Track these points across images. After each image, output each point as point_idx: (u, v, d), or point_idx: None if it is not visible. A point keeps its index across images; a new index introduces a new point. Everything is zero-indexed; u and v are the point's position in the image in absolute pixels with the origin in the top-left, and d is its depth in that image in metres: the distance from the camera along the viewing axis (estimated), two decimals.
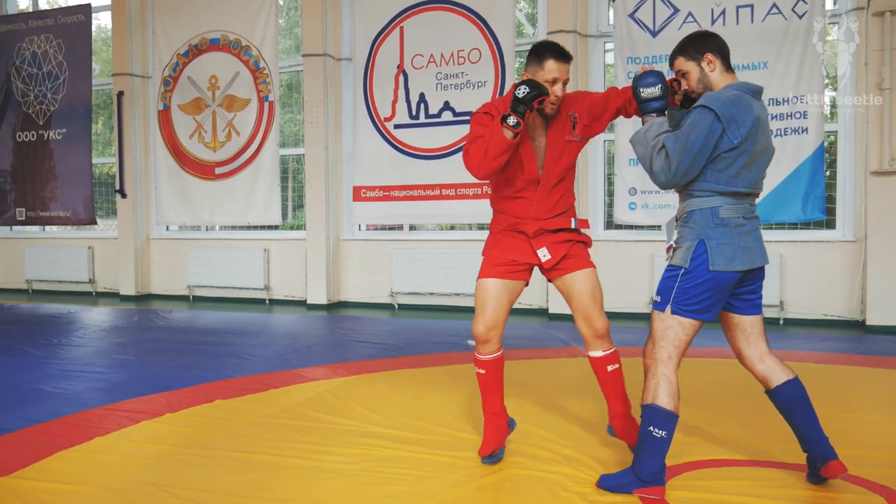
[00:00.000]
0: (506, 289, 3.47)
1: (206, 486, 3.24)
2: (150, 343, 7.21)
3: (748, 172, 2.98)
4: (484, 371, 3.55)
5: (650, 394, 3.02)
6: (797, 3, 7.64)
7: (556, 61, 3.26)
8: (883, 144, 7.45)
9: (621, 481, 3.09)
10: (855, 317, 7.83)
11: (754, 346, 3.17)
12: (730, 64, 3.11)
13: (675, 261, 3.03)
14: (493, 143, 3.18)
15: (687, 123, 2.94)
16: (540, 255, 3.43)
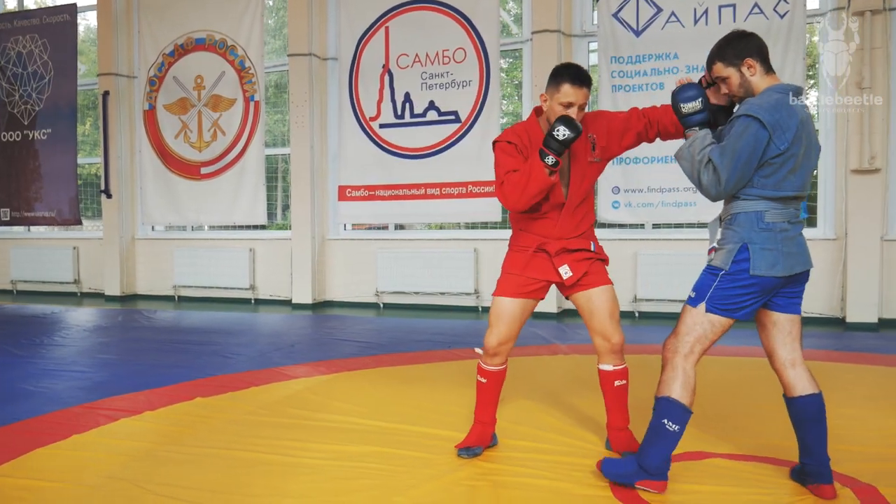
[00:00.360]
0: (521, 307, 3.53)
1: (180, 482, 3.25)
2: (134, 343, 7.20)
3: (794, 177, 2.92)
4: (486, 381, 3.62)
5: (666, 386, 3.00)
6: (779, 2, 7.70)
7: (572, 86, 3.27)
8: (863, 143, 7.52)
9: (625, 470, 3.08)
10: (835, 314, 7.89)
11: (789, 349, 3.09)
12: (769, 64, 3.04)
13: (716, 262, 3.00)
14: (532, 181, 3.23)
15: (732, 134, 2.88)
16: (562, 273, 3.46)
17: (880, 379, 5.26)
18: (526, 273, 3.49)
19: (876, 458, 3.48)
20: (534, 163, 3.23)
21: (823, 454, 3.05)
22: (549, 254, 3.47)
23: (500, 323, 3.52)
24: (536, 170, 3.21)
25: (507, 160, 3.37)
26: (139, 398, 4.76)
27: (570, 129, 3.15)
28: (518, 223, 3.58)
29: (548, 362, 5.91)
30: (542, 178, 3.21)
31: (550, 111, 3.35)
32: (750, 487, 3.14)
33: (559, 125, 3.16)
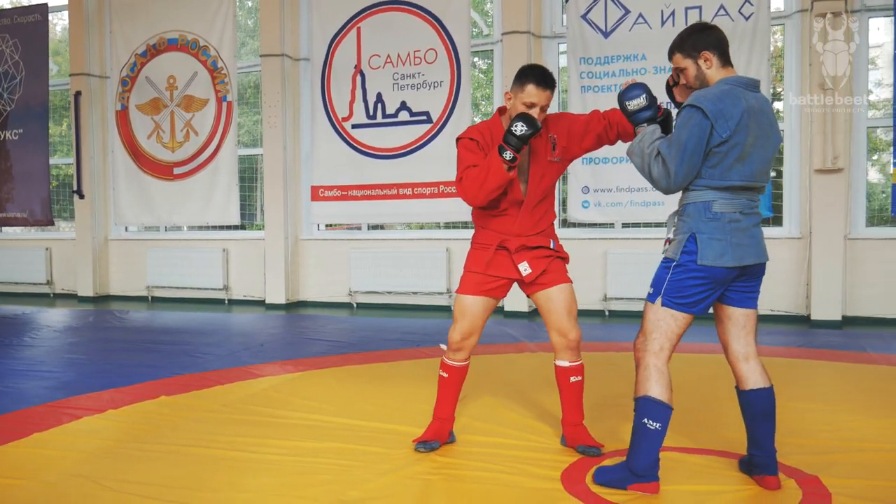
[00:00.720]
0: (483, 305, 3.58)
1: (137, 478, 3.28)
2: (103, 343, 7.20)
3: (742, 166, 2.94)
4: (447, 375, 3.67)
5: (642, 386, 3.02)
6: (744, 4, 7.82)
7: (537, 87, 3.33)
8: (826, 143, 7.64)
9: (616, 476, 3.09)
10: (801, 312, 8.02)
11: (744, 343, 3.14)
12: (728, 58, 3.08)
13: (668, 253, 3.05)
14: (491, 176, 3.29)
15: (677, 126, 2.94)
16: (521, 270, 3.51)
17: (839, 375, 5.36)
18: (487, 271, 3.55)
19: (823, 450, 3.56)
20: (492, 158, 3.29)
21: (771, 447, 3.11)
22: (509, 251, 3.52)
23: (463, 318, 3.58)
24: (495, 165, 3.27)
25: (467, 156, 3.43)
26: (104, 397, 4.77)
27: (528, 126, 3.23)
28: (479, 220, 3.64)
29: (514, 360, 5.98)
30: (500, 174, 3.27)
31: (514, 109, 3.41)
32: (699, 480, 3.21)
33: (518, 121, 3.23)
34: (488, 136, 3.48)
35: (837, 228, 7.73)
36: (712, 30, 3.10)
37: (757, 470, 3.14)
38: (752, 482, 3.14)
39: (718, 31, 3.10)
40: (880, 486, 3.11)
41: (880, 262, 7.76)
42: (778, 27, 8.38)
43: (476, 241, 3.65)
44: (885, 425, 3.99)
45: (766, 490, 3.06)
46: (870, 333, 7.14)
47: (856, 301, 7.85)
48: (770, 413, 3.12)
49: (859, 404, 4.42)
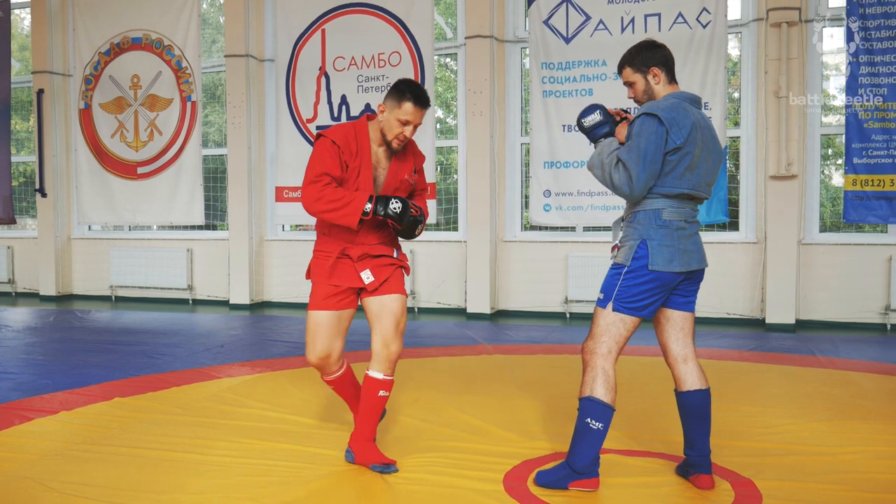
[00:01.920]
0: (337, 319, 3.54)
1: (85, 479, 3.30)
2: (62, 343, 7.17)
3: (691, 175, 3.08)
4: (333, 387, 3.71)
5: (588, 386, 3.10)
6: (701, 13, 7.96)
7: (414, 105, 3.35)
8: (780, 150, 7.80)
9: (557, 476, 3.16)
10: (755, 315, 8.17)
11: (682, 344, 3.25)
12: (674, 75, 3.25)
13: (618, 259, 3.14)
14: (342, 214, 3.29)
15: (633, 134, 3.05)
16: (363, 278, 3.49)
17: (786, 379, 5.49)
18: (331, 281, 3.50)
19: (759, 453, 3.66)
20: (356, 201, 3.29)
21: (705, 447, 3.22)
22: (351, 259, 3.50)
23: (316, 339, 3.53)
24: (353, 209, 3.28)
25: (326, 160, 3.36)
26: (57, 398, 4.77)
27: (401, 213, 3.32)
28: (323, 228, 3.56)
29: (471, 362, 6.04)
30: (351, 220, 3.29)
31: (387, 123, 3.40)
32: (637, 476, 3.30)
33: (399, 202, 3.31)
34: (353, 144, 3.43)
35: (791, 234, 7.89)
36: (661, 48, 3.25)
37: (691, 469, 3.25)
38: (686, 483, 3.24)
39: (666, 50, 3.27)
40: (811, 487, 3.21)
41: (833, 267, 7.93)
42: (734, 35, 8.53)
43: (318, 249, 3.59)
44: (821, 428, 4.11)
45: (699, 489, 3.16)
46: (821, 337, 7.30)
47: (809, 305, 8.02)
48: (705, 414, 3.23)
49: (800, 408, 4.54)
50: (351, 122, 3.55)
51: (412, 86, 3.40)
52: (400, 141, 3.41)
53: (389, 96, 3.40)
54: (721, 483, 3.25)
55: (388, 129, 3.40)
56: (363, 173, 3.42)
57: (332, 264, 3.49)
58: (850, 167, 7.68)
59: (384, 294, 3.51)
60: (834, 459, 3.58)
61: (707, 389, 3.23)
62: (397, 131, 3.38)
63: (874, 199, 7.59)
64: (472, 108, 8.82)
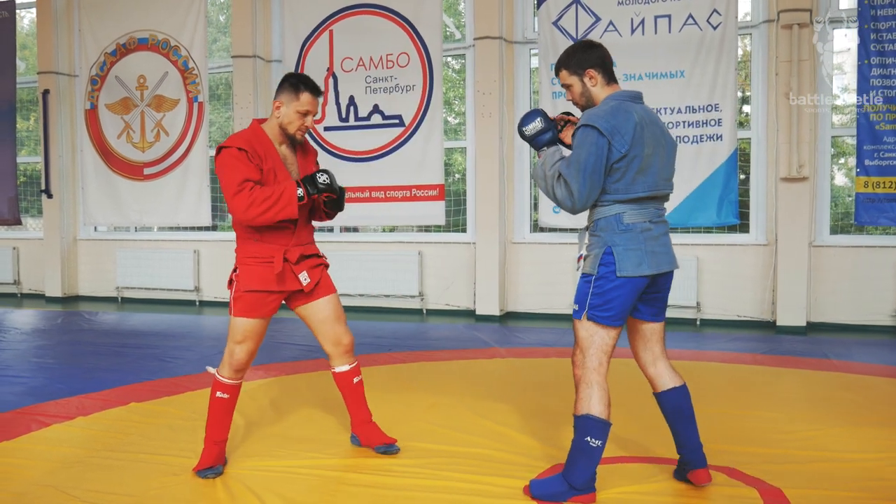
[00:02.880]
0: (265, 324, 3.55)
1: (108, 488, 3.29)
2: (72, 346, 7.14)
3: (644, 177, 3.02)
4: (228, 396, 3.58)
5: (584, 404, 3.04)
6: (712, 14, 7.93)
7: (312, 95, 3.45)
8: (791, 152, 7.78)
9: (554, 490, 3.12)
10: (766, 317, 8.15)
11: (650, 350, 3.25)
12: (612, 75, 3.17)
13: (585, 269, 3.09)
14: (280, 208, 3.30)
15: (574, 146, 3.00)
16: (301, 280, 3.52)
17: (801, 382, 5.47)
18: (269, 287, 3.46)
19: (782, 459, 3.64)
20: (287, 191, 3.31)
21: (695, 441, 3.22)
22: (289, 261, 3.50)
23: (249, 340, 3.50)
24: (288, 199, 3.31)
25: (242, 167, 3.34)
26: (73, 403, 4.76)
27: (333, 181, 3.39)
28: (253, 233, 3.49)
29: (484, 365, 6.02)
30: (290, 209, 3.32)
31: (285, 117, 3.46)
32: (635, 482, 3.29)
33: (324, 174, 3.36)
34: (259, 147, 3.41)
35: (802, 236, 7.87)
36: (597, 48, 3.19)
37: (687, 467, 3.23)
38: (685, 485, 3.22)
39: (602, 49, 3.19)
40: (839, 496, 3.19)
41: (844, 270, 7.91)
42: (745, 37, 8.51)
43: (251, 256, 3.50)
44: (842, 433, 4.09)
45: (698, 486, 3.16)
46: (833, 340, 7.28)
47: (820, 307, 8.01)
48: (686, 410, 3.22)
49: (819, 412, 4.52)
50: (243, 131, 3.53)
51: (303, 77, 3.49)
52: (303, 132, 3.50)
53: (283, 91, 3.47)
54: (749, 491, 3.23)
55: (289, 123, 3.47)
56: (279, 173, 3.45)
57: (280, 270, 3.44)
58: (861, 169, 7.66)
59: (319, 297, 3.62)
60: (857, 466, 3.56)
61: (683, 385, 3.23)
62: (298, 123, 3.46)
63: (886, 201, 7.57)
64: (480, 110, 8.80)
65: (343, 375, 3.71)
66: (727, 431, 4.04)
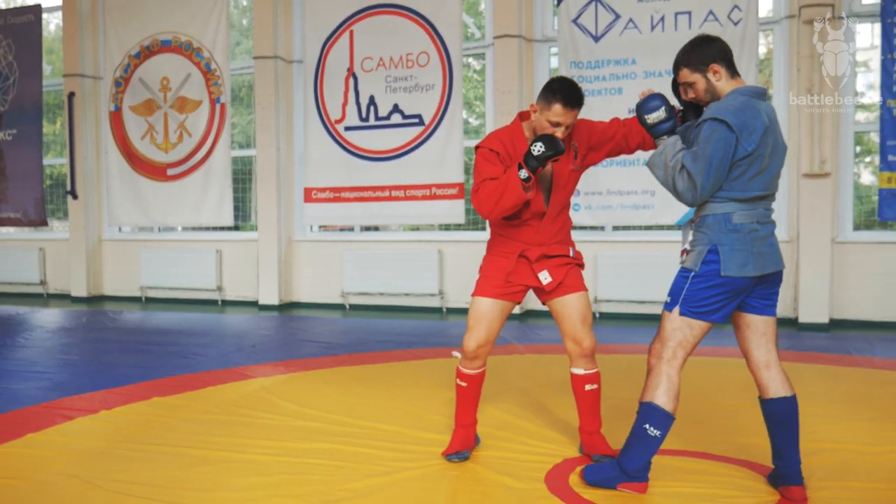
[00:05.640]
0: (500, 309, 3.53)
1: (131, 478, 3.34)
2: (97, 343, 7.24)
3: (762, 176, 2.95)
4: (466, 384, 3.61)
5: (650, 392, 3.04)
6: (732, 10, 7.90)
7: (564, 107, 3.27)
8: (813, 147, 7.73)
9: (607, 475, 3.14)
10: (789, 314, 8.10)
11: (764, 350, 3.13)
12: (735, 68, 3.08)
13: (687, 264, 3.05)
14: (508, 194, 3.25)
15: (701, 139, 2.91)
16: (542, 279, 3.49)
17: (823, 378, 5.43)
18: (509, 278, 3.50)
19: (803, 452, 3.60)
20: (511, 175, 3.25)
21: (794, 456, 3.10)
22: (528, 259, 3.50)
23: (479, 326, 3.51)
24: (512, 183, 3.23)
25: (486, 167, 3.38)
26: (96, 398, 4.82)
27: (547, 147, 3.17)
28: (498, 228, 3.58)
29: (503, 362, 6.03)
30: (517, 192, 3.24)
31: (538, 123, 3.37)
32: (688, 483, 3.26)
33: (538, 142, 3.18)
34: (510, 146, 3.44)
35: (825, 232, 7.81)
36: (716, 41, 3.08)
37: (781, 481, 3.13)
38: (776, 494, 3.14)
39: (722, 42, 3.08)
40: (856, 486, 3.19)
41: (867, 266, 7.85)
42: (767, 32, 8.47)
43: (495, 250, 3.60)
44: (863, 427, 4.07)
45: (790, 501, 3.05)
46: (855, 336, 7.22)
47: (843, 304, 7.94)
48: (791, 422, 3.10)
49: (840, 407, 4.50)
50: (505, 127, 3.55)
51: (562, 84, 3.31)
52: None
53: (541, 96, 3.35)
54: (760, 482, 3.22)
55: (540, 130, 3.35)
56: None
57: (512, 265, 3.48)
58: (884, 165, 7.59)
59: (566, 294, 3.52)
60: (878, 459, 3.55)
61: (793, 396, 3.11)
62: (548, 133, 3.30)
63: None
64: (500, 108, 8.81)
65: (577, 378, 3.58)
66: (748, 425, 4.02)
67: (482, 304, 3.52)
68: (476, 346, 3.52)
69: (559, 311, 3.55)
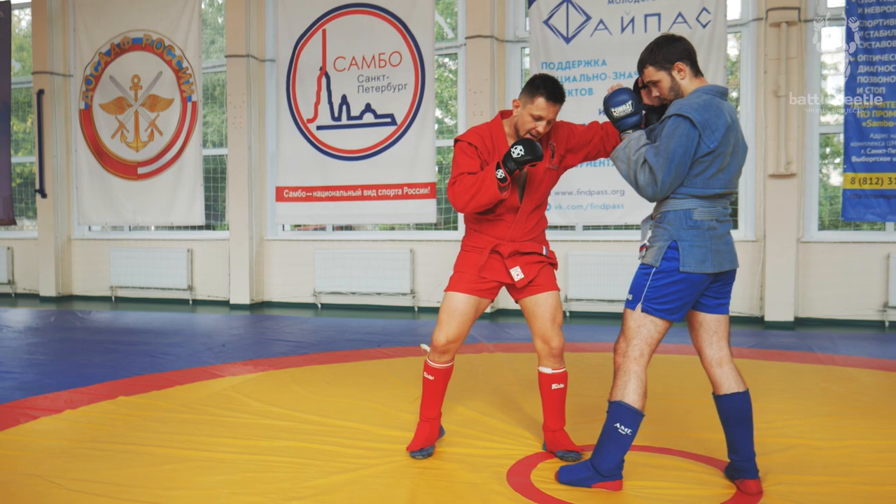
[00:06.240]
0: (472, 304, 3.54)
1: (93, 477, 3.32)
2: (64, 343, 7.19)
3: (723, 174, 3.00)
4: (433, 378, 3.62)
5: (619, 391, 3.06)
6: (701, 12, 7.99)
7: (547, 101, 3.32)
8: (780, 149, 7.84)
9: (581, 475, 3.17)
10: (755, 313, 8.21)
11: (717, 348, 3.17)
12: (698, 67, 3.13)
13: (647, 259, 3.08)
14: (483, 191, 3.28)
15: (664, 135, 2.95)
16: (513, 275, 3.51)
17: (785, 375, 5.50)
18: (481, 274, 3.52)
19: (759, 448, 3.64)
20: (487, 173, 3.28)
21: (749, 451, 3.15)
22: (501, 255, 3.52)
23: (450, 321, 3.52)
24: (489, 181, 3.27)
25: (464, 160, 3.43)
26: (61, 397, 4.79)
27: (526, 151, 3.21)
28: (473, 223, 3.61)
29: (472, 360, 6.06)
30: (492, 191, 3.27)
31: (520, 118, 3.41)
32: (657, 479, 3.30)
33: (519, 145, 3.22)
34: (489, 141, 3.48)
35: (790, 232, 7.93)
36: (680, 40, 3.13)
37: (737, 474, 3.18)
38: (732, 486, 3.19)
39: (686, 42, 3.14)
40: (811, 480, 3.25)
41: (831, 265, 7.98)
42: (734, 35, 8.57)
43: (468, 244, 3.62)
44: (821, 423, 4.15)
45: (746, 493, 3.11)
46: (819, 334, 7.34)
47: (808, 303, 8.07)
48: (746, 417, 3.15)
49: (800, 403, 4.58)
50: (486, 123, 3.59)
51: (546, 81, 3.37)
52: (533, 136, 3.40)
53: (524, 91, 3.41)
54: (719, 476, 3.28)
55: (522, 125, 3.41)
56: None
57: (485, 260, 3.51)
58: (848, 166, 7.72)
59: (537, 293, 3.55)
60: (833, 453, 3.62)
61: (745, 392, 3.15)
62: (529, 126, 3.37)
63: (872, 197, 7.63)
64: (472, 108, 8.84)
65: (545, 377, 3.61)
66: (710, 420, 4.07)
67: (455, 300, 3.54)
68: (446, 341, 3.54)
69: (530, 310, 3.58)
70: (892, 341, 7.00)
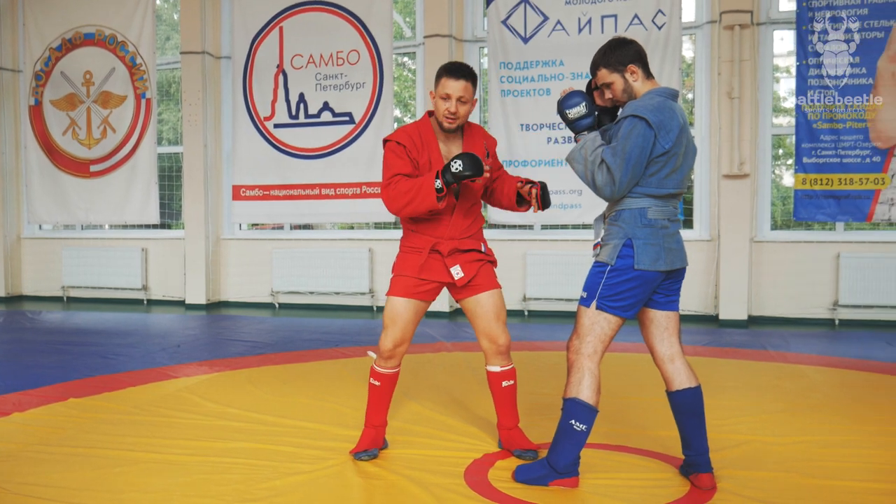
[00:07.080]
0: (415, 309, 3.53)
1: (40, 480, 3.25)
2: (13, 344, 7.03)
3: (676, 174, 3.05)
4: (379, 384, 3.60)
5: (573, 388, 3.08)
6: (657, 14, 8.08)
7: (449, 77, 3.36)
8: (733, 149, 7.96)
9: (537, 474, 3.17)
10: (710, 311, 8.33)
11: (668, 344, 3.20)
12: (649, 70, 3.19)
13: (601, 257, 3.10)
14: (419, 200, 3.29)
15: (620, 135, 2.98)
16: (453, 273, 3.49)
17: (738, 372, 5.60)
18: (420, 275, 3.51)
19: (717, 444, 3.69)
20: (425, 183, 3.29)
21: (702, 445, 3.19)
22: (441, 254, 3.51)
23: (394, 326, 3.51)
24: (426, 191, 3.27)
25: (395, 161, 3.43)
26: (9, 400, 4.68)
27: (465, 167, 3.23)
28: (410, 224, 3.58)
29: (431, 360, 6.06)
30: (429, 201, 3.27)
31: (435, 106, 3.44)
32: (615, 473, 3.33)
33: (460, 160, 3.23)
34: (417, 140, 3.48)
35: (744, 231, 8.06)
36: (632, 43, 3.17)
37: (691, 469, 3.22)
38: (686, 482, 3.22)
39: (637, 44, 3.19)
40: (763, 476, 3.30)
41: (783, 264, 8.12)
42: (689, 37, 8.68)
43: (407, 245, 3.60)
44: (772, 419, 4.21)
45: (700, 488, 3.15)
46: (772, 332, 7.47)
47: (761, 301, 8.20)
48: (698, 411, 3.19)
49: (752, 400, 4.66)
50: (414, 122, 3.59)
51: (449, 64, 3.43)
52: (449, 119, 3.40)
53: (435, 82, 3.45)
54: (674, 473, 3.32)
55: (438, 112, 3.42)
56: (434, 165, 3.43)
57: (424, 259, 3.49)
58: (799, 167, 7.87)
59: (479, 292, 3.54)
60: (785, 448, 3.68)
61: (697, 387, 3.19)
62: (443, 108, 3.39)
63: (823, 197, 7.79)
64: (429, 107, 8.81)
65: (494, 375, 3.59)
66: (665, 418, 4.11)
67: (397, 304, 3.53)
68: (393, 346, 3.53)
69: (472, 310, 3.58)
70: (841, 339, 7.15)
